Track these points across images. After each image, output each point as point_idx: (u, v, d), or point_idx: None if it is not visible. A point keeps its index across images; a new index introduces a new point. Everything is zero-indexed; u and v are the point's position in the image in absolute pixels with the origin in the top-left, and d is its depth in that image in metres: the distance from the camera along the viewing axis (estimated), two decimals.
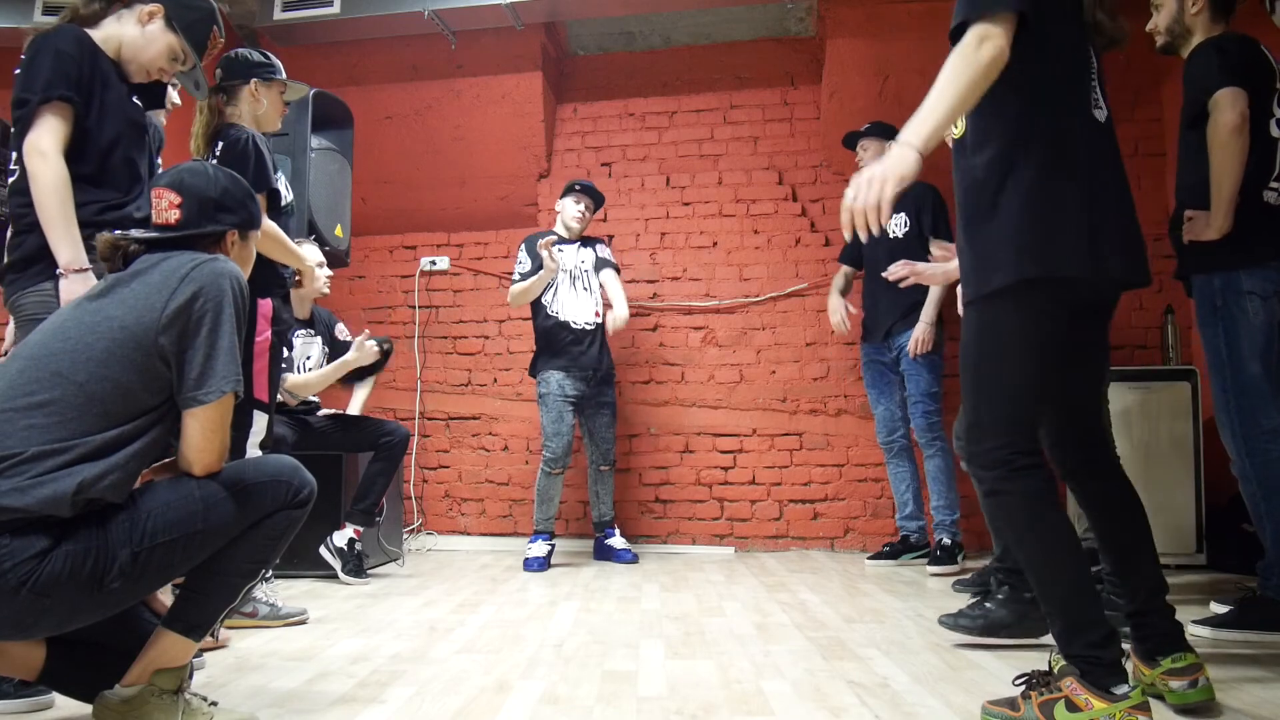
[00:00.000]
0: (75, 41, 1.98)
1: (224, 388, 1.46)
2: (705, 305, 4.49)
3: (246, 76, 2.61)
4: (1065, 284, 1.55)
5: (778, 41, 4.60)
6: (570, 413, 3.85)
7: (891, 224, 3.69)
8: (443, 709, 1.71)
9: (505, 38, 4.29)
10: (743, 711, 1.68)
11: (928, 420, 3.64)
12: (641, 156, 4.66)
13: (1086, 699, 1.47)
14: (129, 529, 1.38)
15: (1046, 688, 1.53)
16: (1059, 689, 1.51)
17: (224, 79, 2.62)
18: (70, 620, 1.38)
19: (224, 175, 1.68)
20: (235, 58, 2.64)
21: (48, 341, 1.45)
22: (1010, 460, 1.57)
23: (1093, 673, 1.49)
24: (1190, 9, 2.36)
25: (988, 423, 1.60)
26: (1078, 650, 1.52)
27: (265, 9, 4.02)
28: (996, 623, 2.16)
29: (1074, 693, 1.48)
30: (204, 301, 1.47)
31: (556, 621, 2.58)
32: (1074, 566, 1.55)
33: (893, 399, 3.81)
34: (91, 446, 1.37)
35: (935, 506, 3.65)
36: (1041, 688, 1.54)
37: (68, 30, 2.01)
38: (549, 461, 3.82)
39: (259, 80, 2.62)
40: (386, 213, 4.75)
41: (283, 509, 1.52)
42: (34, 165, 1.88)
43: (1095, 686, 1.47)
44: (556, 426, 3.81)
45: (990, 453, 1.59)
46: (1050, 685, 1.53)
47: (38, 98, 1.90)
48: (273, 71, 2.67)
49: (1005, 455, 1.57)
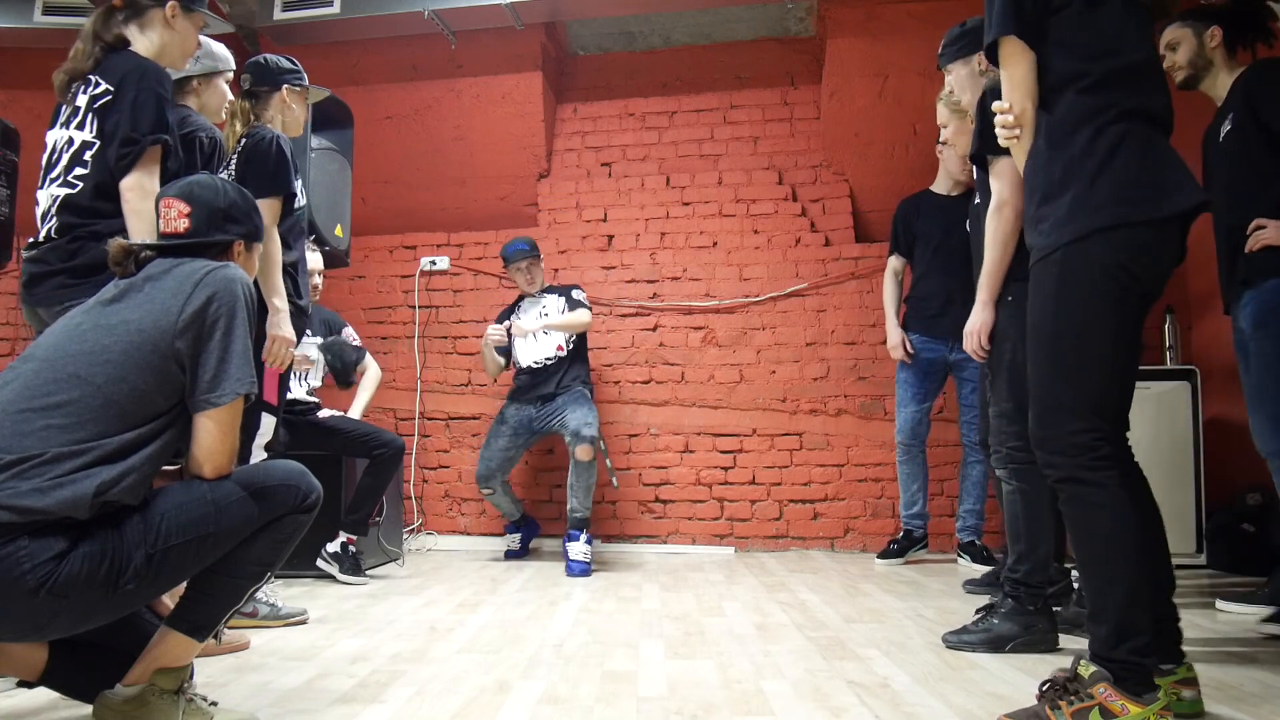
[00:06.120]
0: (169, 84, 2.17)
1: (238, 390, 1.49)
2: (705, 305, 4.49)
3: (277, 83, 2.62)
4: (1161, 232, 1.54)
5: (778, 41, 4.60)
6: (504, 437, 3.93)
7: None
8: (443, 709, 1.71)
9: (505, 37, 4.29)
10: (743, 711, 1.68)
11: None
12: (641, 156, 4.66)
13: (1122, 704, 1.43)
14: (143, 531, 1.39)
15: (1076, 696, 1.47)
16: (1090, 696, 1.45)
17: (253, 84, 2.61)
18: (84, 621, 1.38)
19: (232, 188, 1.72)
20: (265, 64, 2.63)
21: (63, 344, 1.46)
22: (1095, 446, 1.53)
23: (1129, 679, 1.45)
24: (1210, 43, 2.52)
25: (1069, 402, 1.55)
26: (1121, 655, 1.48)
27: (265, 9, 4.03)
28: (1002, 637, 2.15)
29: (1108, 699, 1.44)
30: (218, 306, 1.50)
31: (556, 621, 2.58)
32: (1138, 568, 1.51)
33: (927, 401, 3.78)
34: (109, 449, 1.38)
35: (968, 510, 3.70)
36: (1070, 696, 1.47)
37: (160, 71, 2.16)
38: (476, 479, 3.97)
39: (289, 87, 2.62)
40: (386, 213, 4.75)
41: (291, 513, 1.53)
42: (144, 205, 2.04)
43: (1129, 692, 1.44)
44: (484, 450, 3.95)
45: (1072, 436, 1.54)
46: (1080, 693, 1.47)
47: (147, 139, 2.08)
48: (301, 78, 2.69)
49: (1090, 440, 1.53)
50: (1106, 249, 1.53)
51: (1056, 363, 1.58)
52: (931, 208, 3.78)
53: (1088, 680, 1.48)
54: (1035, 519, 2.24)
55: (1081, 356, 1.55)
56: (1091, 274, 1.54)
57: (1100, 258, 1.54)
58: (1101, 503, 1.52)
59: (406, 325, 4.76)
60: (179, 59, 2.31)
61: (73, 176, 2.12)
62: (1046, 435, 1.59)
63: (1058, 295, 1.58)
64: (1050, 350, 1.59)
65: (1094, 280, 1.54)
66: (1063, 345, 1.57)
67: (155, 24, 2.23)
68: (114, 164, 2.08)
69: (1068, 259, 1.56)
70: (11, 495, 1.28)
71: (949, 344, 3.66)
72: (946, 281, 3.67)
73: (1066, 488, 1.57)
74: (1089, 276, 1.55)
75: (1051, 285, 1.59)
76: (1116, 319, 1.55)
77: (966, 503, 3.71)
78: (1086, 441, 1.53)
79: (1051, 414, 1.58)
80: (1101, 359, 1.55)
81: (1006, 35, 1.62)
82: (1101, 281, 1.54)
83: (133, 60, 2.15)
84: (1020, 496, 2.26)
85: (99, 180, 2.10)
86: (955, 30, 2.51)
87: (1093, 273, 1.54)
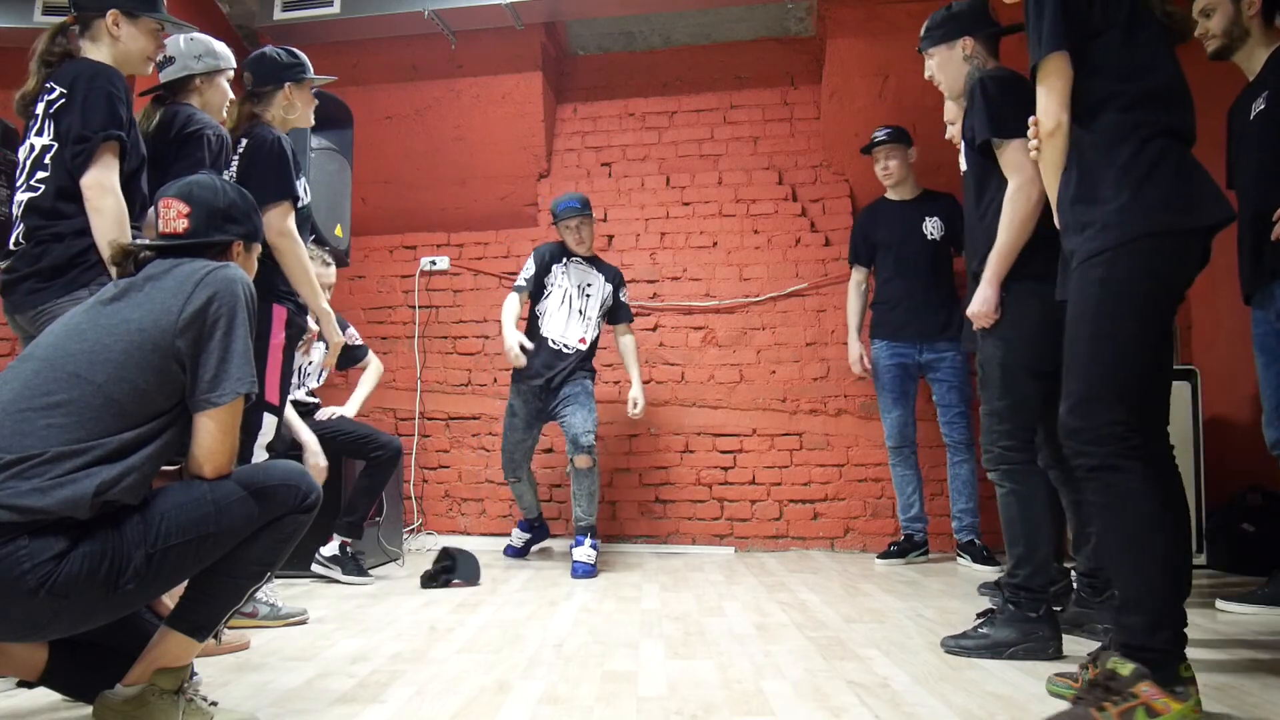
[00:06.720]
0: (121, 82, 2.16)
1: (238, 389, 1.49)
2: (705, 305, 4.49)
3: (280, 80, 2.60)
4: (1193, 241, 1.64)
5: (778, 41, 4.60)
6: (518, 429, 3.86)
7: (929, 227, 3.81)
8: (443, 709, 1.71)
9: (505, 38, 4.29)
10: (743, 711, 1.68)
11: (968, 429, 3.71)
12: (641, 156, 4.66)
13: (1165, 703, 1.43)
14: (143, 530, 1.39)
15: (1120, 695, 1.44)
16: (1134, 695, 1.43)
17: (255, 84, 2.59)
18: (83, 622, 1.38)
19: (231, 188, 1.72)
20: (264, 60, 2.60)
21: (63, 343, 1.46)
22: (1127, 437, 1.58)
23: (1164, 669, 1.46)
24: (1248, 11, 2.44)
25: (1107, 393, 1.61)
26: (1159, 644, 1.49)
27: (265, 9, 4.03)
28: (1000, 643, 2.11)
29: (1152, 697, 1.43)
30: (219, 305, 1.50)
31: (556, 621, 2.58)
32: (1171, 556, 1.54)
33: (908, 405, 3.84)
34: (110, 448, 1.37)
35: (963, 510, 3.72)
36: (1114, 695, 1.45)
37: (111, 71, 2.17)
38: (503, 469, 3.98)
39: (292, 83, 2.61)
40: (386, 213, 4.75)
41: (291, 513, 1.53)
42: (104, 201, 2.07)
43: (1165, 687, 1.44)
44: (504, 443, 3.93)
45: (1107, 426, 1.59)
46: (1123, 692, 1.45)
47: (99, 136, 2.08)
48: (304, 71, 2.65)
49: (1123, 431, 1.58)
50: (1150, 254, 1.63)
51: (1095, 357, 1.64)
52: (889, 215, 3.91)
53: (1129, 678, 1.46)
54: (1032, 520, 2.20)
55: (1119, 352, 1.63)
56: (1135, 276, 1.63)
57: (1144, 261, 1.63)
58: (1133, 489, 1.58)
59: (406, 325, 4.76)
60: (138, 63, 2.29)
61: (35, 180, 2.14)
62: (1081, 426, 1.64)
63: (1101, 295, 1.65)
64: (1090, 346, 1.66)
65: (1136, 282, 1.63)
66: (1101, 341, 1.64)
67: (102, 34, 2.23)
68: (70, 163, 2.10)
69: (1114, 261, 1.64)
70: (12, 495, 1.28)
71: (917, 347, 3.78)
72: (908, 285, 3.80)
73: (1099, 476, 1.62)
74: (1131, 278, 1.64)
75: (1095, 285, 1.66)
76: (1154, 319, 1.65)
77: (959, 502, 3.73)
78: (1120, 432, 1.59)
79: (1087, 405, 1.64)
80: (1137, 354, 1.63)
81: (1059, 51, 1.70)
82: (1143, 283, 1.63)
83: (84, 64, 2.17)
84: (1015, 499, 2.22)
85: (60, 183, 2.12)
86: (941, 13, 2.46)
87: (1136, 275, 1.63)
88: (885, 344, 3.84)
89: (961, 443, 3.72)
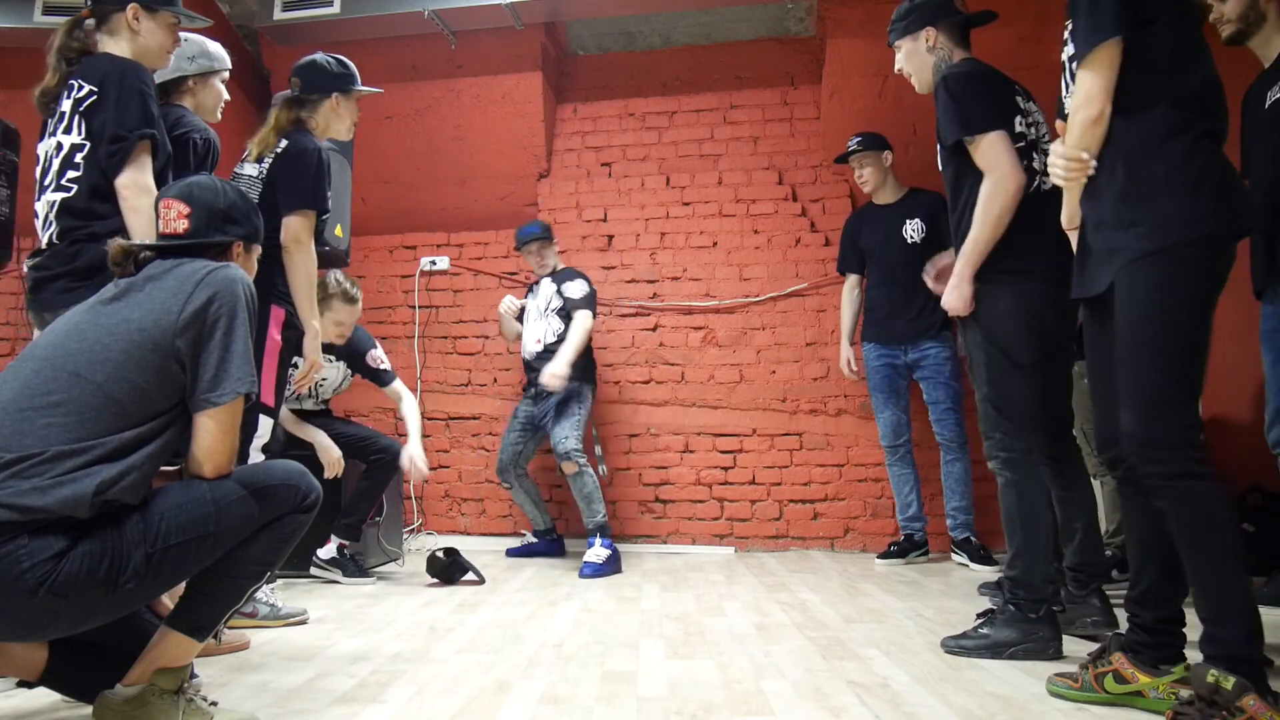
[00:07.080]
0: (150, 79, 2.17)
1: (238, 389, 1.49)
2: (705, 305, 4.49)
3: (329, 90, 2.59)
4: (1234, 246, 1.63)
5: (778, 41, 4.60)
6: (515, 431, 4.02)
7: (910, 230, 3.82)
8: (443, 709, 1.71)
9: (505, 38, 4.29)
10: (743, 711, 1.68)
11: (958, 425, 3.71)
12: (641, 156, 4.66)
13: (1270, 716, 1.39)
14: (143, 530, 1.39)
15: (1228, 711, 1.41)
16: (1241, 710, 1.40)
17: (303, 90, 2.57)
18: (83, 621, 1.38)
19: (231, 189, 1.72)
20: (315, 67, 2.58)
21: (62, 343, 1.46)
22: (1197, 442, 1.53)
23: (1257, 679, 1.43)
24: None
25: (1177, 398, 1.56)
26: (1259, 654, 1.47)
27: (265, 9, 4.03)
28: (1000, 643, 2.10)
29: (1258, 711, 1.39)
30: (219, 305, 1.50)
31: (556, 621, 2.58)
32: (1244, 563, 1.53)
33: (900, 404, 3.85)
34: (110, 447, 1.38)
35: (957, 508, 3.72)
36: (1222, 711, 1.42)
37: (139, 68, 2.16)
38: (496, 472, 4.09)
39: (340, 93, 2.60)
40: (386, 213, 4.75)
41: (291, 512, 1.53)
42: (141, 200, 2.07)
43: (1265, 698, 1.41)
44: (501, 445, 4.07)
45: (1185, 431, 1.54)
46: (1230, 707, 1.41)
47: (135, 135, 2.09)
48: (353, 82, 2.63)
49: (1195, 436, 1.54)
50: (1208, 255, 1.60)
51: (1160, 361, 1.59)
52: (872, 221, 3.95)
53: (1232, 692, 1.41)
54: (1030, 511, 2.17)
55: (1186, 355, 1.59)
56: (1193, 277, 1.60)
57: (1204, 265, 1.60)
58: (1215, 495, 1.54)
59: (406, 325, 4.76)
60: (157, 57, 2.28)
61: (66, 180, 2.13)
62: (1155, 434, 1.58)
63: (1164, 297, 1.60)
64: (1154, 350, 1.60)
65: (1195, 283, 1.60)
66: (1165, 344, 1.59)
67: (121, 28, 2.22)
68: (105, 163, 2.09)
69: (1175, 262, 1.60)
70: (12, 494, 1.28)
71: (903, 348, 3.81)
72: (890, 291, 3.84)
73: (1178, 485, 1.55)
74: (1189, 279, 1.60)
75: (1152, 287, 1.61)
76: (1208, 322, 1.61)
77: (953, 500, 3.73)
78: (1193, 438, 1.55)
79: (1160, 412, 1.57)
80: (1201, 357, 1.59)
81: (1116, 38, 1.64)
82: (1202, 284, 1.60)
83: (111, 61, 2.16)
84: (1015, 490, 2.19)
85: (93, 182, 2.11)
86: (905, 5, 2.43)
87: (1195, 276, 1.60)
88: (873, 346, 3.89)
89: (953, 441, 3.72)
